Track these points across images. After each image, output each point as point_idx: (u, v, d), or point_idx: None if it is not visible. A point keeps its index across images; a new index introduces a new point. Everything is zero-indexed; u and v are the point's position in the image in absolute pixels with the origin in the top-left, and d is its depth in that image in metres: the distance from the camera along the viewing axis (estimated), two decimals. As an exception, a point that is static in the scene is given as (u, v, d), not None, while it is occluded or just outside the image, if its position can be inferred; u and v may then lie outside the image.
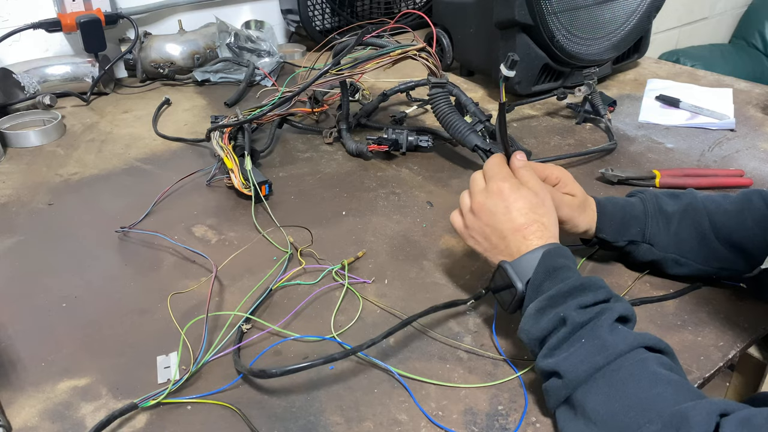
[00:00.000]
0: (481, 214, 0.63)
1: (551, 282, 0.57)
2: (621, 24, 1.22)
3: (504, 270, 0.60)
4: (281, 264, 0.75)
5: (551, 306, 0.55)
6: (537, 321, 0.55)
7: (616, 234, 0.70)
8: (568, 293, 0.55)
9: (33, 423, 0.56)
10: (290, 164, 1.01)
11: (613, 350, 0.50)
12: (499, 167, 0.65)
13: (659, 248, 0.70)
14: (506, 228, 0.61)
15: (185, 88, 1.33)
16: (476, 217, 0.64)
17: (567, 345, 0.53)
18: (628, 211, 0.70)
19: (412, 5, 1.65)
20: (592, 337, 0.52)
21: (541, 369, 0.54)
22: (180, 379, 0.58)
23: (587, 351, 0.51)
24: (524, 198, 0.61)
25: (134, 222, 0.83)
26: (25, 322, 0.68)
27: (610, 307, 0.54)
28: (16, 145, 1.08)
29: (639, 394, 0.47)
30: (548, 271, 0.57)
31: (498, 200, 0.62)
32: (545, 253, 0.58)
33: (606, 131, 1.09)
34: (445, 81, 0.96)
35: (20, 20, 1.23)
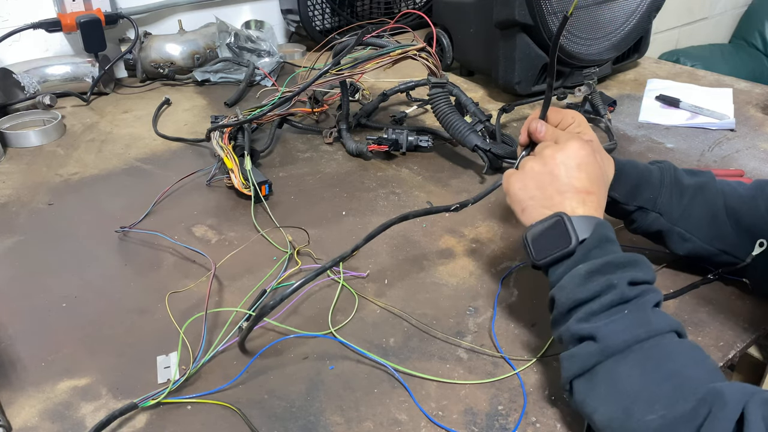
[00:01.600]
0: (549, 162, 0.59)
1: (601, 251, 0.55)
2: (621, 24, 1.22)
3: (563, 221, 0.57)
4: (281, 264, 0.75)
5: (603, 272, 0.53)
6: (585, 282, 0.53)
7: (628, 196, 0.69)
8: (622, 264, 0.54)
9: (33, 423, 0.56)
10: (290, 164, 1.01)
11: (656, 327, 0.50)
12: (582, 120, 0.65)
13: (668, 219, 0.69)
14: (570, 183, 0.58)
15: (185, 88, 1.33)
16: (541, 162, 0.60)
17: (609, 313, 0.51)
18: (644, 176, 0.69)
19: (412, 5, 1.65)
20: (636, 310, 0.51)
21: (573, 332, 0.53)
22: (179, 379, 0.58)
23: (630, 322, 0.50)
24: (596, 166, 0.60)
25: (134, 222, 0.83)
26: (25, 322, 0.68)
27: (654, 289, 0.54)
28: (16, 145, 1.08)
29: (676, 370, 0.47)
30: (601, 239, 0.56)
31: (572, 155, 0.59)
32: (598, 225, 0.57)
33: (606, 131, 1.09)
34: (445, 81, 0.96)
35: (20, 20, 1.23)
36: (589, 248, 0.55)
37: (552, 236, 0.57)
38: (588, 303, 0.53)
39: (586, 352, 0.51)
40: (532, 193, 0.60)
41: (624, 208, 0.70)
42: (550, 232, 0.57)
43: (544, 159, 0.60)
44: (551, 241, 0.57)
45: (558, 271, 0.57)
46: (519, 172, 0.61)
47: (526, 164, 0.61)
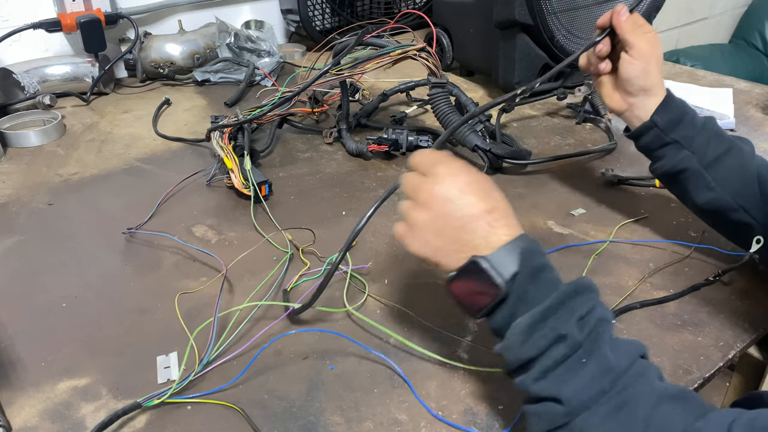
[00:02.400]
0: (432, 204, 0.52)
1: (537, 288, 0.49)
2: (621, 24, 1.22)
3: (478, 266, 0.49)
4: (282, 264, 0.75)
5: (546, 322, 0.48)
6: (528, 339, 0.48)
7: (668, 126, 0.69)
8: (562, 302, 0.48)
9: (33, 423, 0.56)
10: (290, 164, 1.01)
11: (618, 370, 0.46)
12: (434, 153, 0.57)
13: (699, 161, 0.69)
14: (466, 215, 0.51)
15: (185, 88, 1.33)
16: (425, 208, 0.53)
17: (566, 366, 0.46)
18: (689, 114, 0.70)
19: (412, 5, 1.65)
20: (594, 356, 0.46)
21: (533, 392, 0.47)
22: (186, 378, 0.58)
23: (592, 374, 0.46)
24: (476, 177, 0.53)
25: (140, 223, 0.83)
26: (25, 322, 0.68)
27: (603, 314, 0.49)
28: (16, 145, 1.08)
29: (648, 414, 0.44)
30: (532, 273, 0.49)
31: (450, 182, 0.52)
32: (524, 251, 0.50)
33: (606, 131, 1.09)
34: (445, 81, 0.96)
35: (20, 20, 1.23)
36: (523, 288, 0.49)
37: (477, 285, 0.50)
38: (539, 360, 0.47)
39: (552, 413, 0.46)
40: (436, 244, 0.52)
41: (659, 137, 0.70)
42: (473, 281, 0.50)
43: (424, 204, 0.53)
44: (478, 290, 0.50)
45: (497, 321, 0.51)
46: (410, 230, 0.54)
47: (411, 215, 0.54)
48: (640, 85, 0.72)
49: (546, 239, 0.81)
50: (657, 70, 0.72)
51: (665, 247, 0.78)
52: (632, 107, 0.73)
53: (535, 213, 0.86)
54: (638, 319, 0.67)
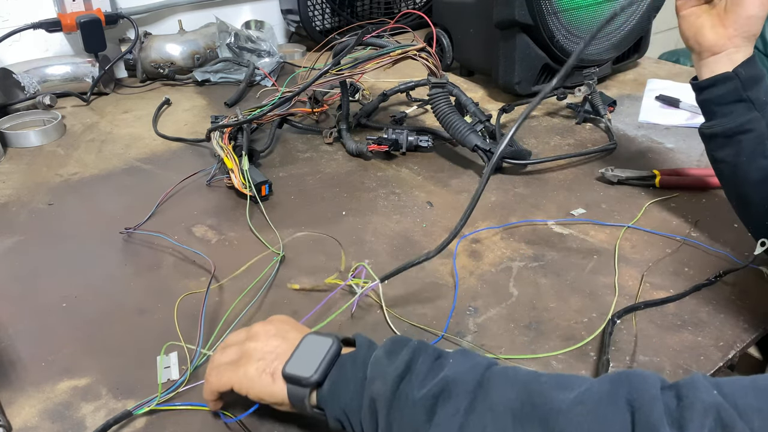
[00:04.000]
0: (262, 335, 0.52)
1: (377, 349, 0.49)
2: (621, 24, 1.22)
3: (313, 335, 0.51)
4: (273, 265, 0.75)
5: (398, 346, 0.48)
6: (392, 360, 0.47)
7: (749, 82, 0.66)
8: (404, 339, 0.49)
9: (33, 423, 0.56)
10: (290, 164, 1.01)
11: (484, 359, 0.46)
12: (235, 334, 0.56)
13: (766, 126, 0.66)
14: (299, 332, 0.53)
15: (185, 88, 1.33)
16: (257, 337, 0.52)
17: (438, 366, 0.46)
18: (767, 78, 0.67)
19: (412, 5, 1.65)
20: (455, 354, 0.47)
21: (424, 399, 0.44)
22: (172, 387, 0.58)
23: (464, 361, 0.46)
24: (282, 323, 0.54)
25: (138, 223, 0.83)
26: (25, 322, 0.68)
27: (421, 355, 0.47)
28: (16, 145, 1.08)
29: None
30: (369, 343, 0.50)
31: (281, 322, 0.54)
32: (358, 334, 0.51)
33: (606, 131, 1.09)
34: (445, 81, 0.96)
35: (20, 20, 1.23)
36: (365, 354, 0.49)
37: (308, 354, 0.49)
38: (410, 372, 0.46)
39: None
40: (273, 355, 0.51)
41: (737, 91, 0.67)
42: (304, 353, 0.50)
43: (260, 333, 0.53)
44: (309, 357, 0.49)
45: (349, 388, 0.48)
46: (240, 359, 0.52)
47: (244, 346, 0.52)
48: (753, 28, 0.67)
49: (546, 239, 0.81)
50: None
51: (665, 247, 0.78)
52: (730, 46, 0.68)
53: (535, 213, 0.86)
54: (638, 319, 0.67)
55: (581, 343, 0.63)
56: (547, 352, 0.62)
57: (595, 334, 0.64)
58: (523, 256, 0.77)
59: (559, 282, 0.73)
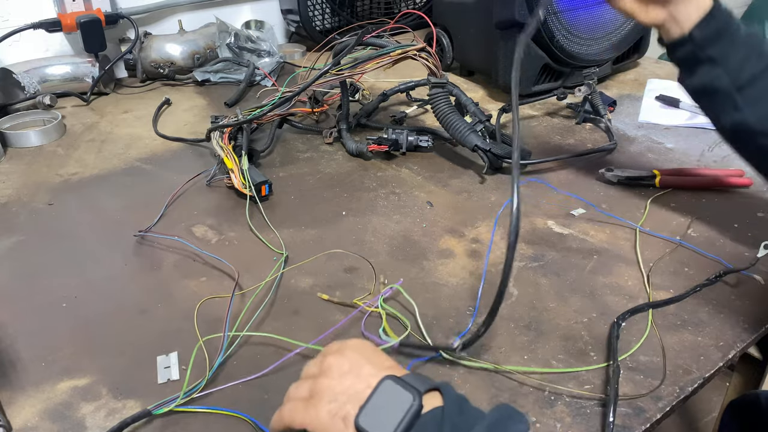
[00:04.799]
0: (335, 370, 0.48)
1: (466, 416, 0.44)
2: (621, 24, 1.22)
3: (393, 382, 0.45)
4: (279, 265, 0.75)
5: None
6: None
7: (706, 41, 0.64)
8: (501, 422, 0.44)
9: (33, 423, 0.56)
10: (290, 164, 1.01)
11: None
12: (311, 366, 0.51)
13: (732, 81, 0.64)
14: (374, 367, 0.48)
15: (185, 88, 1.33)
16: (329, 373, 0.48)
17: None
18: (732, 28, 0.64)
19: (412, 5, 1.65)
20: None
21: None
22: (194, 387, 0.58)
23: None
24: (385, 353, 0.51)
25: (150, 225, 0.83)
26: (25, 322, 0.68)
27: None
28: (16, 145, 1.08)
29: None
30: (458, 401, 0.45)
31: (356, 353, 0.49)
32: (444, 383, 0.46)
33: (606, 131, 1.09)
34: (445, 81, 0.96)
35: (20, 20, 1.23)
36: (452, 415, 0.44)
37: (386, 406, 0.44)
38: None
39: None
40: (345, 396, 0.46)
41: (694, 54, 0.65)
42: (382, 403, 0.44)
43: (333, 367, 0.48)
44: (387, 411, 0.44)
45: None
46: (312, 399, 0.47)
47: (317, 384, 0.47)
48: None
49: (546, 239, 0.81)
50: None
51: (665, 247, 0.78)
52: (672, 15, 0.66)
53: (535, 213, 0.86)
54: (638, 319, 0.67)
55: (584, 343, 0.63)
56: (547, 352, 0.62)
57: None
58: (523, 256, 0.77)
59: (559, 282, 0.73)
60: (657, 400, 0.57)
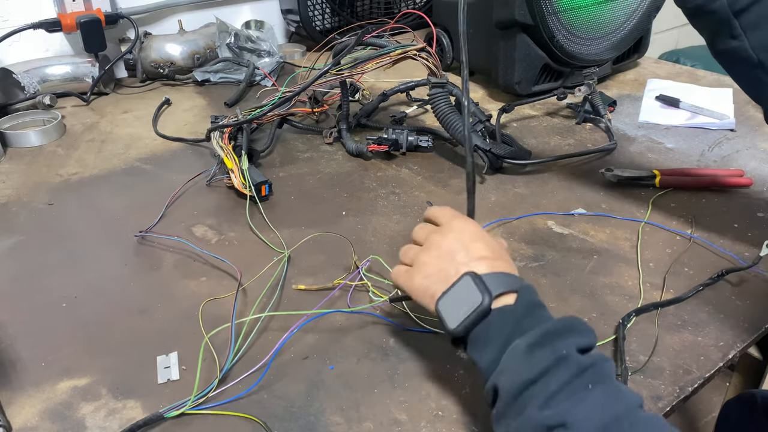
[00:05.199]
0: (441, 245, 0.56)
1: (533, 320, 0.49)
2: (621, 24, 1.22)
3: (471, 279, 0.51)
4: (282, 266, 0.75)
5: (545, 344, 0.46)
6: (529, 359, 0.45)
7: None
8: (563, 331, 0.47)
9: (33, 423, 0.56)
10: (290, 164, 1.01)
11: (628, 401, 0.43)
12: (447, 210, 0.60)
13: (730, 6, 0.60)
14: (472, 255, 0.54)
15: (185, 88, 1.33)
16: (433, 248, 0.56)
17: (571, 390, 0.43)
18: None
19: (412, 5, 1.65)
20: (599, 382, 0.43)
21: (537, 423, 0.42)
22: (207, 388, 0.57)
23: (600, 398, 0.42)
24: (489, 238, 0.56)
25: (150, 225, 0.83)
26: (25, 322, 0.68)
27: (605, 357, 0.46)
28: (16, 145, 1.08)
29: None
30: (529, 306, 0.50)
31: (461, 232, 0.56)
32: (523, 287, 0.51)
33: (606, 131, 1.09)
34: (445, 81, 0.96)
35: (20, 20, 1.23)
36: (518, 317, 0.49)
37: (461, 298, 0.51)
38: (541, 382, 0.44)
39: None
40: (435, 274, 0.54)
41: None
42: (459, 295, 0.51)
43: (432, 246, 0.56)
44: (461, 303, 0.51)
45: (486, 353, 0.49)
46: (413, 268, 0.57)
47: (419, 257, 0.57)
48: None
49: (546, 239, 0.81)
50: None
51: (665, 247, 0.78)
52: None
53: (536, 213, 0.86)
54: (638, 318, 0.67)
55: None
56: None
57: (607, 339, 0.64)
58: (523, 256, 0.77)
59: (559, 282, 0.73)
60: (657, 400, 0.57)
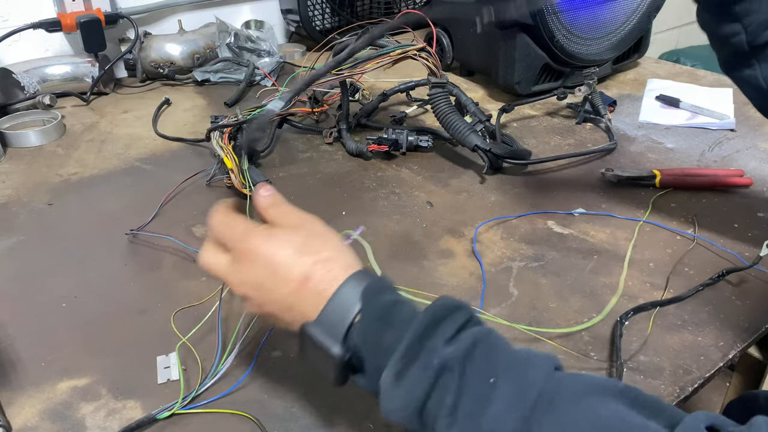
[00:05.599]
0: (251, 292, 0.47)
1: (391, 330, 0.42)
2: (621, 24, 1.22)
3: (308, 336, 0.44)
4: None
5: (412, 360, 0.40)
6: (405, 388, 0.39)
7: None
8: (424, 334, 0.40)
9: (33, 423, 0.56)
10: (290, 164, 1.01)
11: (532, 385, 0.37)
12: (228, 225, 0.49)
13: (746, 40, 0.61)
14: (286, 292, 0.45)
15: (185, 88, 1.33)
16: (250, 299, 0.48)
17: (469, 396, 0.38)
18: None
19: (412, 5, 1.65)
20: (494, 363, 0.39)
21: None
22: (194, 390, 0.57)
23: (508, 396, 0.37)
24: (282, 244, 0.46)
25: (142, 224, 0.83)
26: (25, 322, 0.68)
27: (481, 329, 0.41)
28: (16, 145, 1.08)
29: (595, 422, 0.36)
30: (380, 317, 0.42)
31: (253, 264, 0.46)
32: (364, 293, 0.43)
33: (606, 131, 1.09)
34: (445, 81, 0.96)
35: (20, 20, 1.23)
36: (375, 342, 0.42)
37: (315, 356, 0.44)
38: (429, 403, 0.39)
39: None
40: (285, 322, 0.47)
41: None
42: (314, 353, 0.44)
43: (240, 288, 0.48)
44: (319, 361, 0.44)
45: (366, 385, 0.44)
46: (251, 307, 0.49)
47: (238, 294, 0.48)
48: None
49: (546, 239, 0.81)
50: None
51: (666, 247, 0.78)
52: None
53: (536, 214, 0.86)
54: (638, 318, 0.66)
55: (585, 344, 0.63)
56: (548, 351, 0.62)
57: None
58: (523, 256, 0.77)
59: (559, 282, 0.73)
60: (657, 400, 0.57)
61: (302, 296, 0.45)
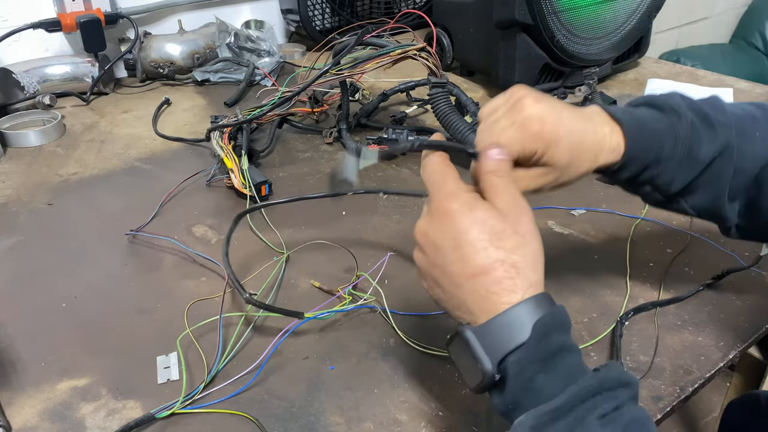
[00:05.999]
0: (426, 248, 0.45)
1: (549, 376, 0.39)
2: (621, 24, 1.22)
3: (465, 341, 0.41)
4: (280, 265, 0.75)
5: (555, 420, 0.37)
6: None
7: (634, 179, 0.54)
8: (580, 401, 0.38)
9: (33, 423, 0.56)
10: (290, 164, 1.01)
11: None
12: (442, 175, 0.48)
13: (662, 194, 0.55)
14: (458, 271, 0.42)
15: (185, 88, 1.33)
16: (423, 252, 0.46)
17: None
18: (656, 152, 0.52)
19: (412, 5, 1.65)
20: None
21: None
22: (196, 389, 0.58)
23: None
24: (481, 223, 0.43)
25: (142, 224, 0.83)
26: (25, 322, 0.68)
27: (637, 416, 0.39)
28: (16, 145, 1.08)
29: None
30: (543, 358, 0.39)
31: (443, 228, 0.44)
32: (537, 326, 0.40)
33: (606, 131, 1.09)
34: (445, 81, 0.96)
35: (20, 20, 1.23)
36: (530, 375, 0.39)
37: (464, 360, 0.42)
38: None
39: None
40: (437, 293, 0.45)
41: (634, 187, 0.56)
42: (461, 355, 0.43)
43: (422, 241, 0.46)
44: (466, 365, 0.42)
45: (497, 406, 0.42)
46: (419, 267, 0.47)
47: (416, 250, 0.47)
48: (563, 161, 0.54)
49: (546, 239, 0.80)
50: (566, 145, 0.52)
51: (666, 247, 0.78)
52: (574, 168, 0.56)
53: (536, 213, 0.86)
54: (638, 319, 0.67)
55: (585, 345, 0.63)
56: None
57: (602, 335, 0.64)
58: (523, 256, 0.77)
59: (559, 282, 0.73)
60: (657, 400, 0.57)
61: (473, 285, 0.42)
